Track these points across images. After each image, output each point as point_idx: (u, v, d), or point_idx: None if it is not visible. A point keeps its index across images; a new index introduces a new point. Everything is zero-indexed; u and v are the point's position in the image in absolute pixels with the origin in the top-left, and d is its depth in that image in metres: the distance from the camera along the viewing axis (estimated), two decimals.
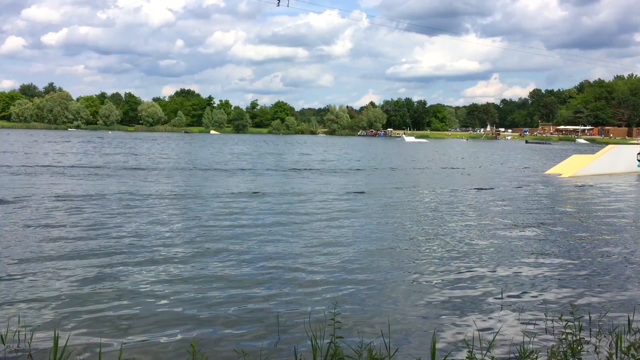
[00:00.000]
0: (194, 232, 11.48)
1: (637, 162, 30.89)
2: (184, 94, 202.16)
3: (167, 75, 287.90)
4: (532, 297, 7.49)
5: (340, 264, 9.00)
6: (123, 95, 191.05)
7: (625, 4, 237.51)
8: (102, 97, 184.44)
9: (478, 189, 21.28)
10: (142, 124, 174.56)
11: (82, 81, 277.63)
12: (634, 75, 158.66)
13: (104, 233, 11.07)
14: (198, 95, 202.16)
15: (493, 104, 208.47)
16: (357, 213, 14.47)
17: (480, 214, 14.64)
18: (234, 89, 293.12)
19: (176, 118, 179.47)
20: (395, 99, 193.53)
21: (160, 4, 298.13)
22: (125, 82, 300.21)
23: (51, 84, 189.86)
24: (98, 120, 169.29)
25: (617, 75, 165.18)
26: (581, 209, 16.30)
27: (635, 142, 79.58)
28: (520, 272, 8.72)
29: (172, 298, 7.19)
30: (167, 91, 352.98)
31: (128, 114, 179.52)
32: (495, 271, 8.77)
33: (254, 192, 18.38)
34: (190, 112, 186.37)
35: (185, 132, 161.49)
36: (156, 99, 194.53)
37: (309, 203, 16.19)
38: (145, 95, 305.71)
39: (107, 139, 79.30)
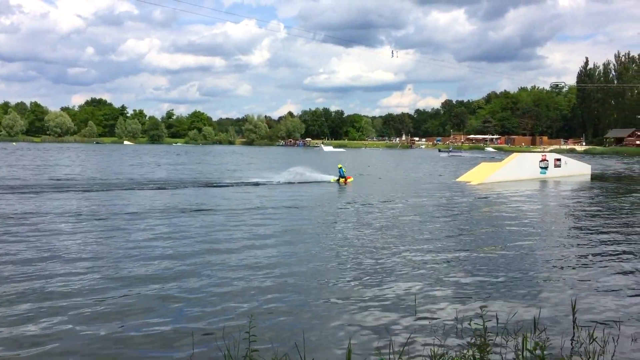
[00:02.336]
0: (108, 253, 10.96)
1: (540, 170, 32.75)
2: (95, 103, 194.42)
3: (76, 84, 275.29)
4: (443, 303, 7.67)
5: (254, 278, 8.86)
6: (28, 104, 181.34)
7: (528, 20, 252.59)
8: (5, 106, 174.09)
9: (391, 196, 21.74)
10: (49, 134, 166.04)
11: None
12: (537, 87, 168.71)
13: None
14: (110, 104, 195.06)
15: (408, 114, 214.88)
16: (271, 227, 14.36)
17: (392, 222, 14.91)
18: (149, 98, 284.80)
19: (87, 128, 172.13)
20: (313, 108, 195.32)
21: (69, 9, 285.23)
22: (30, 91, 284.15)
23: None
24: (1, 131, 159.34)
25: (521, 87, 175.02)
26: (489, 215, 16.99)
27: (538, 150, 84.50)
28: (432, 279, 8.93)
29: (85, 320, 6.79)
30: (77, 100, 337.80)
31: (34, 124, 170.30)
32: (406, 277, 8.93)
33: (168, 208, 17.84)
34: (102, 122, 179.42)
35: (97, 142, 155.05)
36: (65, 109, 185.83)
37: (224, 218, 15.91)
38: (52, 105, 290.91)
39: (9, 150, 74.85)
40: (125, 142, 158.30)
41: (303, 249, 11.05)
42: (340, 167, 28.80)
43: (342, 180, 28.18)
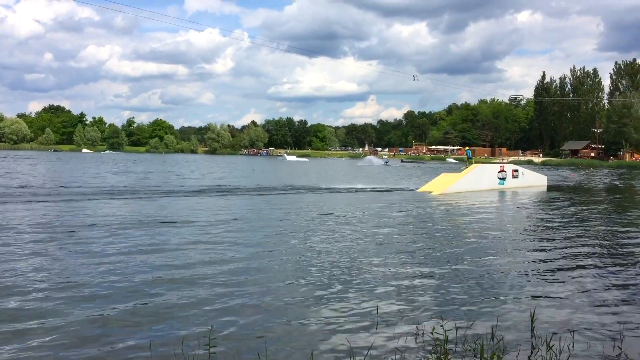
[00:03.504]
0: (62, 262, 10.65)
1: (498, 180, 33.43)
2: (53, 110, 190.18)
3: (34, 90, 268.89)
4: (404, 313, 7.70)
5: (213, 289, 8.74)
6: None
7: (488, 34, 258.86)
8: None
9: (353, 206, 21.83)
10: (4, 141, 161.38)
11: None
12: (496, 100, 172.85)
13: None
14: (69, 111, 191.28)
15: (370, 124, 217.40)
16: (236, 234, 14.23)
17: (354, 234, 14.96)
18: (109, 105, 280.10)
19: (44, 135, 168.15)
20: (277, 118, 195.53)
21: (27, 15, 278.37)
22: None
23: None
24: None
25: (481, 100, 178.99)
26: (449, 224, 17.22)
27: (497, 161, 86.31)
28: (393, 289, 8.96)
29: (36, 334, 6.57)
30: (34, 107, 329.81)
31: None
32: (368, 289, 8.94)
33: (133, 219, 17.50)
34: (60, 129, 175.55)
35: (54, 150, 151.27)
36: (21, 115, 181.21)
37: (184, 229, 15.70)
38: (8, 111, 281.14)
39: None
40: (84, 150, 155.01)
41: (260, 262, 10.96)
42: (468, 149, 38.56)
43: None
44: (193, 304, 7.85)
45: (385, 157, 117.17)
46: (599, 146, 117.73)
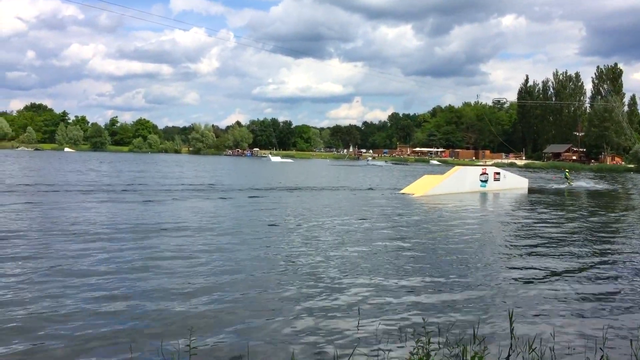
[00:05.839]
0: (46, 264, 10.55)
1: (480, 183, 33.69)
2: (35, 109, 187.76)
3: (15, 88, 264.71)
4: (387, 314, 7.74)
5: (195, 288, 8.73)
6: None
7: (472, 38, 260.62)
8: None
9: (338, 208, 21.88)
10: None
11: None
12: (480, 102, 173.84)
13: None
14: (51, 110, 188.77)
15: (355, 126, 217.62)
16: (218, 234, 14.19)
17: (334, 234, 14.99)
18: (92, 104, 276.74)
19: (25, 134, 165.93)
20: (261, 118, 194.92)
21: (9, 12, 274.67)
22: None
23: None
24: None
25: (465, 102, 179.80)
26: (429, 225, 17.30)
27: (480, 164, 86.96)
28: (376, 291, 9.01)
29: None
30: (16, 105, 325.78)
31: None
32: (351, 290, 8.99)
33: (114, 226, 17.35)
34: (42, 128, 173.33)
35: (36, 149, 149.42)
36: (2, 114, 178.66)
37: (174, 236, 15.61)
38: None
39: None
40: (66, 149, 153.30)
41: (244, 261, 10.95)
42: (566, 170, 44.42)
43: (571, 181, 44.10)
44: (172, 298, 7.83)
45: (370, 158, 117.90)
46: (581, 149, 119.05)
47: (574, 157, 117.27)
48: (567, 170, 46.56)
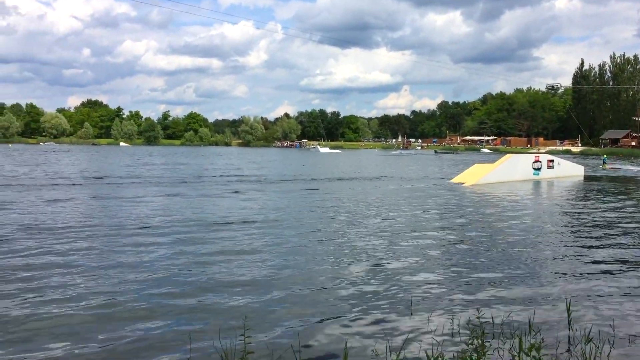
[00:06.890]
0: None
1: (533, 171, 32.86)
2: (91, 105, 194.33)
3: (72, 85, 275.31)
4: (440, 305, 7.69)
5: (250, 279, 8.89)
6: (24, 105, 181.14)
7: (524, 22, 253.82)
8: (1, 107, 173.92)
9: (390, 198, 21.81)
10: (45, 135, 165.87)
11: None
12: (532, 88, 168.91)
13: None
14: (106, 106, 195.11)
15: (404, 115, 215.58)
16: (275, 223, 14.39)
17: (389, 223, 14.96)
18: (145, 99, 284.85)
19: (83, 130, 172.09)
20: (309, 110, 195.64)
21: (66, 11, 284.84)
22: (26, 92, 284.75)
23: None
24: None
25: (516, 88, 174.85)
26: (482, 215, 17.01)
27: (533, 151, 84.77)
28: (429, 279, 8.97)
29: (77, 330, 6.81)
30: (73, 102, 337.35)
31: (30, 125, 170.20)
32: (403, 279, 8.97)
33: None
34: (97, 123, 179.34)
35: (93, 144, 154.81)
36: (60, 110, 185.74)
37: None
38: (48, 106, 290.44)
39: (6, 151, 74.75)
40: (122, 144, 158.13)
41: (299, 251, 11.07)
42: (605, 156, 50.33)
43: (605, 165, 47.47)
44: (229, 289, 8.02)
45: (418, 147, 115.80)
46: None
47: (633, 143, 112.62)
48: (605, 155, 48.07)
